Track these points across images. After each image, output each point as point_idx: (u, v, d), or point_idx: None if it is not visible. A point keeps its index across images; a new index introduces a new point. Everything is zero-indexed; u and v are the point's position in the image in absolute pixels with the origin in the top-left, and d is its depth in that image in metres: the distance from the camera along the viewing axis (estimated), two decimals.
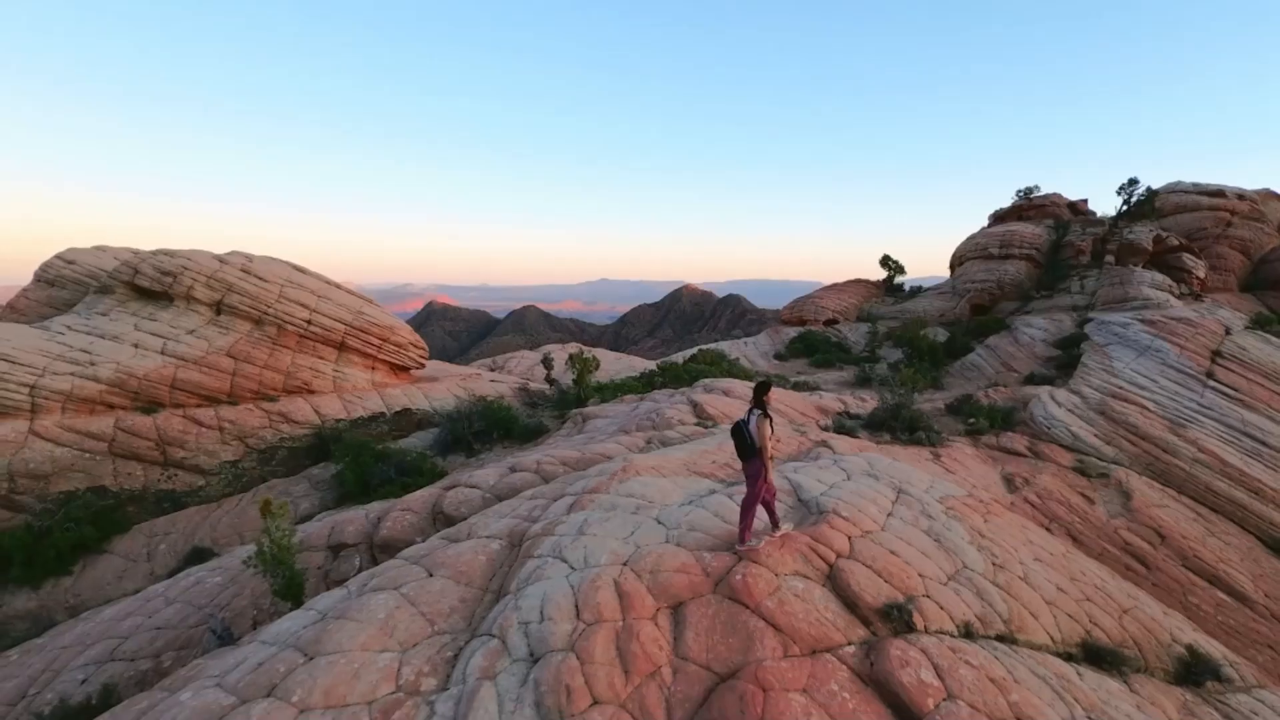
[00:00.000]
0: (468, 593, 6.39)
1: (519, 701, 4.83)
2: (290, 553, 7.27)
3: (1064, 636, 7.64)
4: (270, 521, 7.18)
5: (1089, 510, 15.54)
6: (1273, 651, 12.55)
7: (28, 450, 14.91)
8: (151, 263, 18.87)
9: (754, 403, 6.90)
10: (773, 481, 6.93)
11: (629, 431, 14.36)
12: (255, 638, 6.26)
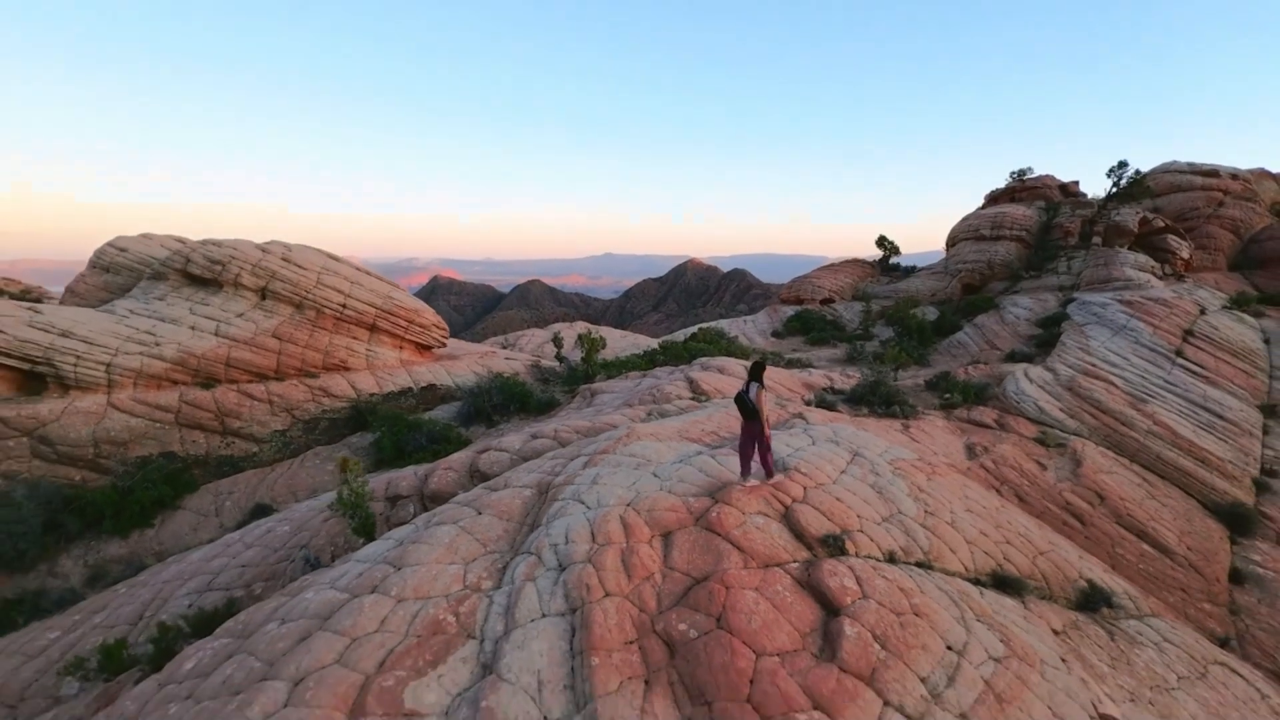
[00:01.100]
0: (509, 525, 8.30)
1: (552, 595, 6.73)
2: (364, 499, 9.16)
3: (977, 567, 9.52)
4: (349, 475, 9.07)
5: (1039, 475, 17.41)
6: (1184, 594, 14.45)
7: (108, 420, 16.90)
8: (201, 252, 20.74)
9: (752, 377, 8.96)
10: (769, 439, 9.01)
11: (632, 405, 16.28)
12: (349, 559, 8.19)
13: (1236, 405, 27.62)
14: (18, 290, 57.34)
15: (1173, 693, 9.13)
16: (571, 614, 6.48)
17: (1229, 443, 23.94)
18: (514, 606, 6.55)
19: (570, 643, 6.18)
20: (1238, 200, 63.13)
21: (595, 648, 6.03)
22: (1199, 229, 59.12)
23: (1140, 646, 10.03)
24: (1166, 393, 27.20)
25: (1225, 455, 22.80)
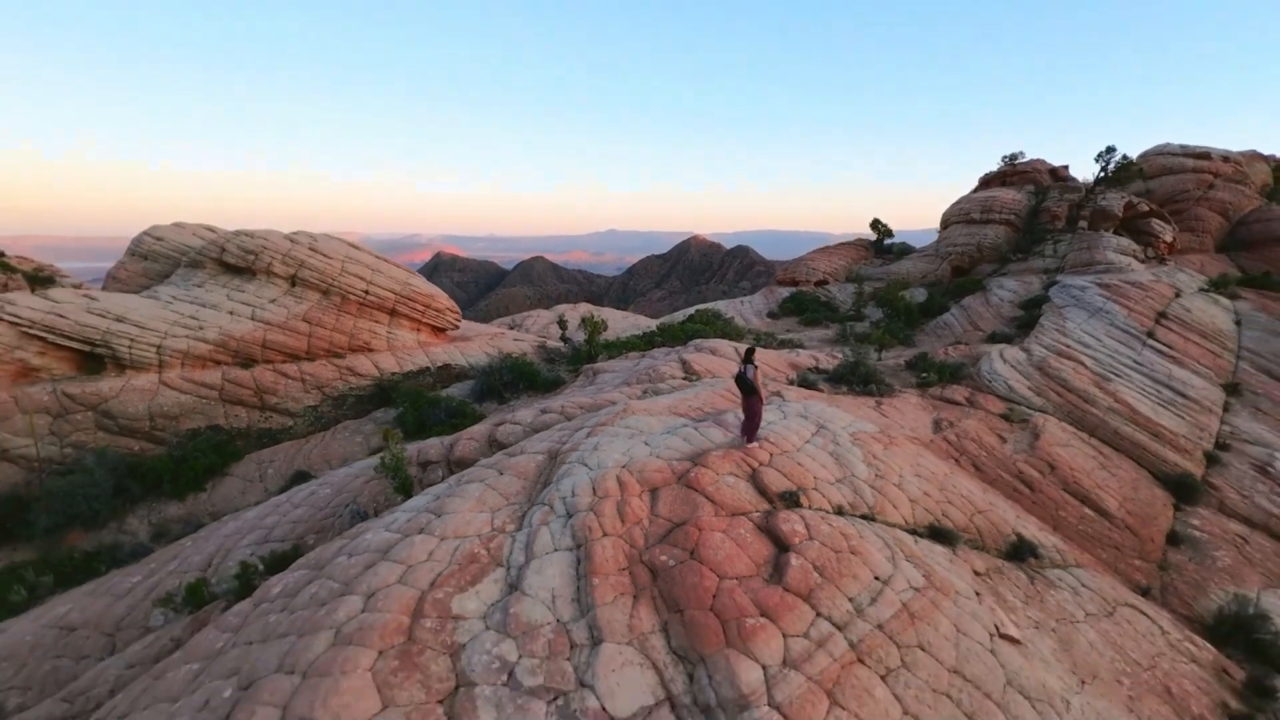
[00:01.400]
0: (525, 483, 10.06)
1: (562, 535, 8.49)
2: (403, 463, 10.90)
3: (916, 521, 11.25)
4: (390, 444, 10.81)
5: (997, 447, 19.10)
6: (1117, 551, 16.19)
7: (160, 396, 18.67)
8: (235, 243, 22.41)
9: (747, 359, 10.87)
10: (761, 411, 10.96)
11: (630, 384, 17.99)
12: (395, 510, 9.96)
13: (1200, 384, 29.24)
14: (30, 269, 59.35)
15: (1076, 625, 10.90)
16: (577, 549, 8.24)
17: (1186, 419, 25.58)
18: (532, 543, 8.31)
19: (576, 569, 7.94)
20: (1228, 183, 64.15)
21: (595, 572, 7.80)
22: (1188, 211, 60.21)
23: (1056, 589, 11.80)
24: (1133, 372, 28.80)
25: (1180, 430, 24.46)
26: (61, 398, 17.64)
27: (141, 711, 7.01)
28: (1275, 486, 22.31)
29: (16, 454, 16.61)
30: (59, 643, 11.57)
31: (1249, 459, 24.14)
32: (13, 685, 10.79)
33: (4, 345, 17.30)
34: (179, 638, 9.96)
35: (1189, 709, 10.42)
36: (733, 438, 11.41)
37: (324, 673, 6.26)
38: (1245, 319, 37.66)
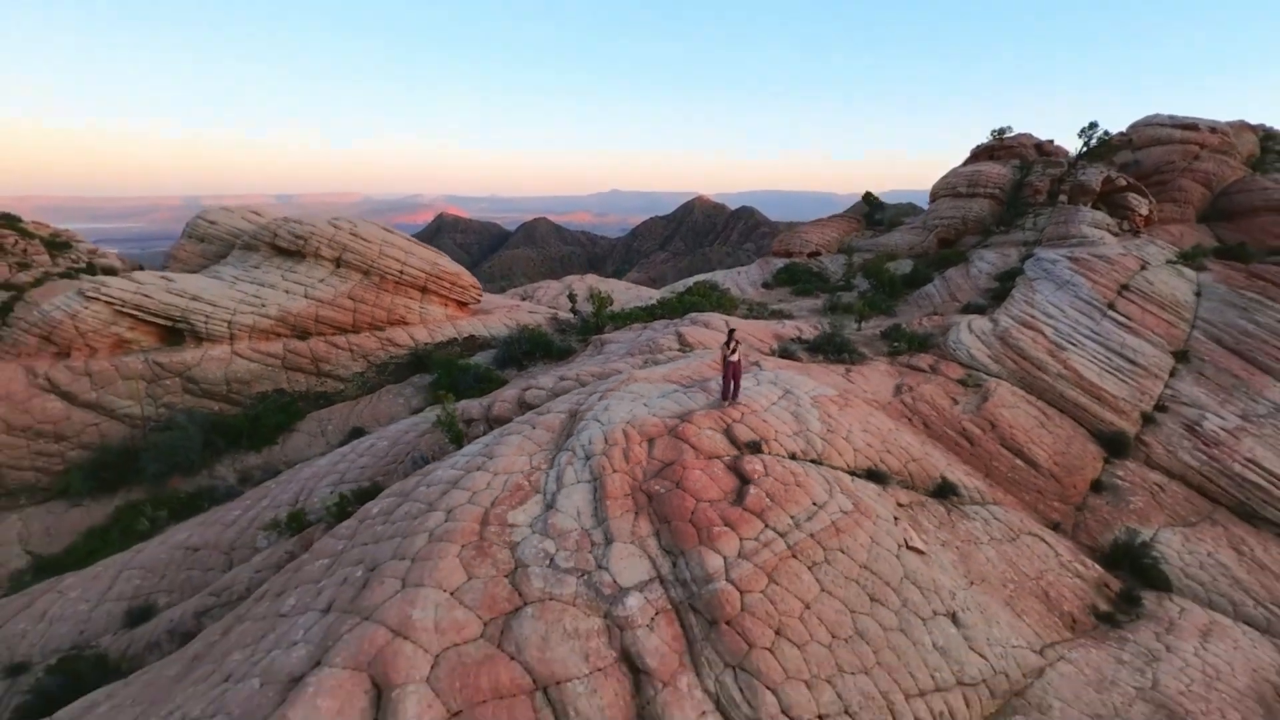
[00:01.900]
0: (553, 435, 13.02)
1: (582, 472, 11.44)
2: (455, 419, 13.82)
3: (856, 465, 14.18)
4: (446, 405, 13.74)
5: (948, 408, 21.96)
6: (1039, 494, 19.17)
7: (233, 365, 21.63)
8: (286, 228, 25.16)
9: (730, 337, 13.69)
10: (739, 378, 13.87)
11: (633, 354, 20.86)
12: (453, 455, 12.93)
13: (1151, 351, 31.99)
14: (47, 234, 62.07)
15: (979, 545, 13.92)
16: (594, 481, 11.21)
17: (1130, 384, 28.40)
18: (561, 477, 11.29)
19: (594, 495, 10.92)
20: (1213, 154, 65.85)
21: (608, 497, 10.78)
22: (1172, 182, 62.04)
23: (969, 520, 14.81)
24: (1089, 341, 31.53)
25: (1121, 394, 27.30)
26: (153, 365, 20.63)
27: (294, 590, 10.06)
28: (1199, 443, 25.29)
29: (122, 413, 19.66)
30: (186, 559, 14.72)
31: (1182, 419, 27.06)
32: (158, 590, 13.95)
33: (102, 321, 20.25)
34: (292, 550, 13.04)
35: (1060, 607, 13.49)
36: (714, 399, 14.33)
37: (426, 558, 9.25)
38: (1205, 290, 40.14)
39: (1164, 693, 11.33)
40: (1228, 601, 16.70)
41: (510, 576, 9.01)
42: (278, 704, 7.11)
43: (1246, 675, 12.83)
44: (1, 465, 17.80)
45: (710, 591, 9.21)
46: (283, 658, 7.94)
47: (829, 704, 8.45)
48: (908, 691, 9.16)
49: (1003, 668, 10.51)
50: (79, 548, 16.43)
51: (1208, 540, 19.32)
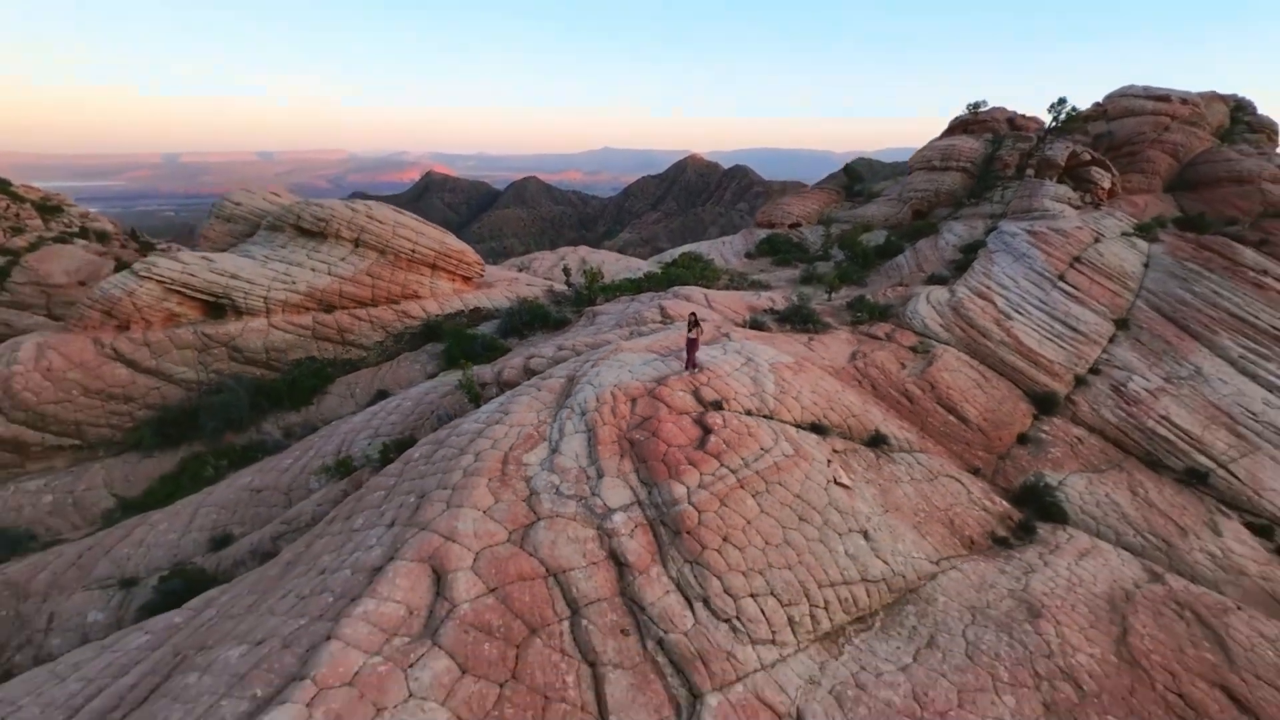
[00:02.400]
0: (555, 395, 16.03)
1: (579, 424, 14.47)
2: (473, 382, 16.79)
3: (802, 419, 17.26)
4: (466, 368, 16.70)
5: (895, 372, 25.01)
6: (966, 445, 22.37)
7: (270, 335, 24.46)
8: (310, 212, 27.72)
9: (693, 320, 16.56)
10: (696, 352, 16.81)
11: (621, 326, 23.79)
12: (474, 412, 15.95)
13: (1093, 319, 35.11)
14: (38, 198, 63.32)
15: (899, 484, 17.13)
16: (588, 431, 14.25)
17: (1068, 349, 31.53)
18: (563, 428, 14.34)
19: (588, 442, 13.96)
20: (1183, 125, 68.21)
21: (599, 443, 13.83)
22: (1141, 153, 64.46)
23: (894, 464, 18.00)
24: (1036, 310, 34.60)
25: (1058, 359, 30.45)
26: (201, 336, 23.45)
27: (361, 513, 13.12)
28: (1121, 401, 28.57)
29: (179, 378, 22.51)
30: (252, 499, 17.80)
31: (1111, 380, 30.30)
32: (232, 522, 17.04)
33: (155, 298, 22.94)
34: (345, 489, 16.12)
35: (962, 532, 16.76)
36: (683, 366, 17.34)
37: (463, 487, 12.29)
38: (1153, 261, 43.07)
39: (1031, 593, 14.62)
40: (1113, 532, 20.08)
41: (527, 500, 12.09)
42: (367, 584, 10.19)
43: (1106, 584, 16.16)
44: (82, 423, 20.73)
45: (675, 511, 12.33)
46: (364, 556, 11.03)
47: (759, 588, 11.64)
48: (820, 583, 12.36)
49: (901, 571, 13.75)
50: (156, 491, 19.46)
51: (1109, 484, 22.65)
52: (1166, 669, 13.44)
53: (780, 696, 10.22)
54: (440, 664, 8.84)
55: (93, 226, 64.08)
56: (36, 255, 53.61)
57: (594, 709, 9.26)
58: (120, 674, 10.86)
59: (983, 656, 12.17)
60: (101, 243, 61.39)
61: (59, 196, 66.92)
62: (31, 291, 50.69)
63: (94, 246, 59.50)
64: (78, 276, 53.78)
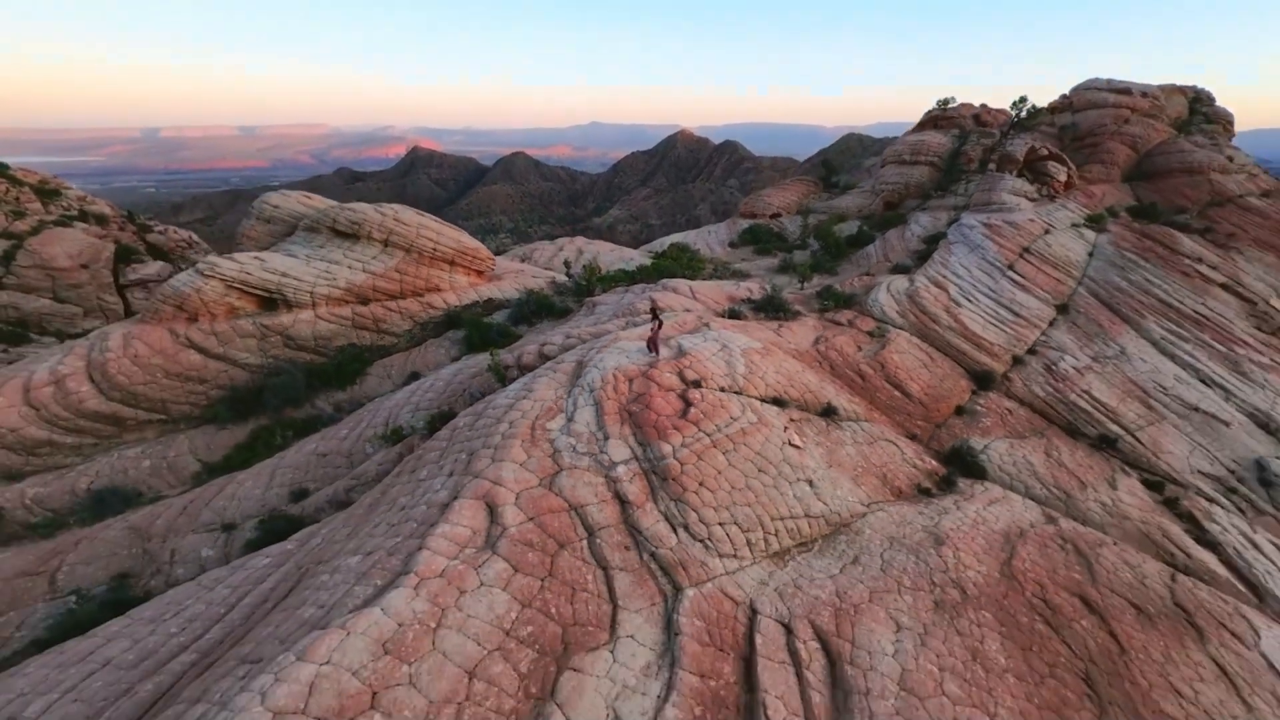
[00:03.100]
0: (568, 377, 19.78)
1: (589, 399, 18.24)
2: (500, 365, 20.51)
3: (765, 394, 21.08)
4: (494, 354, 20.42)
5: (852, 354, 28.84)
6: (907, 416, 26.33)
7: (317, 325, 28.03)
8: (345, 215, 31.13)
9: (654, 312, 20.34)
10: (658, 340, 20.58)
11: (618, 316, 27.51)
12: (501, 391, 19.71)
13: (1036, 305, 39.05)
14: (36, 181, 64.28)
15: (844, 446, 21.06)
16: (596, 405, 18.05)
17: (1008, 332, 35.49)
18: (576, 402, 18.14)
19: (596, 412, 17.75)
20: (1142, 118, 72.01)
21: (605, 414, 17.64)
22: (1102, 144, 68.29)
23: (841, 430, 21.92)
24: (985, 297, 38.51)
25: (998, 341, 34.41)
26: (260, 327, 27.01)
27: (423, 467, 16.92)
28: (1050, 379, 32.61)
29: (243, 363, 26.10)
30: (320, 461, 21.58)
31: (1045, 360, 34.34)
32: (306, 480, 20.82)
33: (218, 294, 26.45)
34: (401, 452, 19.91)
35: (892, 484, 20.74)
36: (669, 353, 21.13)
37: (502, 447, 16.08)
38: (1097, 250, 46.94)
39: (940, 528, 18.62)
40: (1023, 485, 24.14)
41: (552, 456, 15.91)
42: (440, 515, 13.98)
43: (1005, 523, 20.20)
44: (166, 400, 24.37)
45: (663, 464, 16.21)
46: (434, 496, 14.84)
47: (726, 519, 15.56)
48: (772, 516, 16.29)
49: (837, 511, 17.72)
50: (233, 457, 23.15)
51: (1028, 448, 26.69)
52: (1037, 582, 17.53)
53: (738, 592, 14.18)
54: (499, 565, 12.68)
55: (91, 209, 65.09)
56: (39, 239, 54.81)
57: (607, 597, 13.15)
58: (259, 581, 14.73)
59: (893, 570, 16.18)
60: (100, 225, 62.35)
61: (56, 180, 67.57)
62: (36, 275, 52.43)
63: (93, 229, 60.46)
64: (80, 260, 55.68)
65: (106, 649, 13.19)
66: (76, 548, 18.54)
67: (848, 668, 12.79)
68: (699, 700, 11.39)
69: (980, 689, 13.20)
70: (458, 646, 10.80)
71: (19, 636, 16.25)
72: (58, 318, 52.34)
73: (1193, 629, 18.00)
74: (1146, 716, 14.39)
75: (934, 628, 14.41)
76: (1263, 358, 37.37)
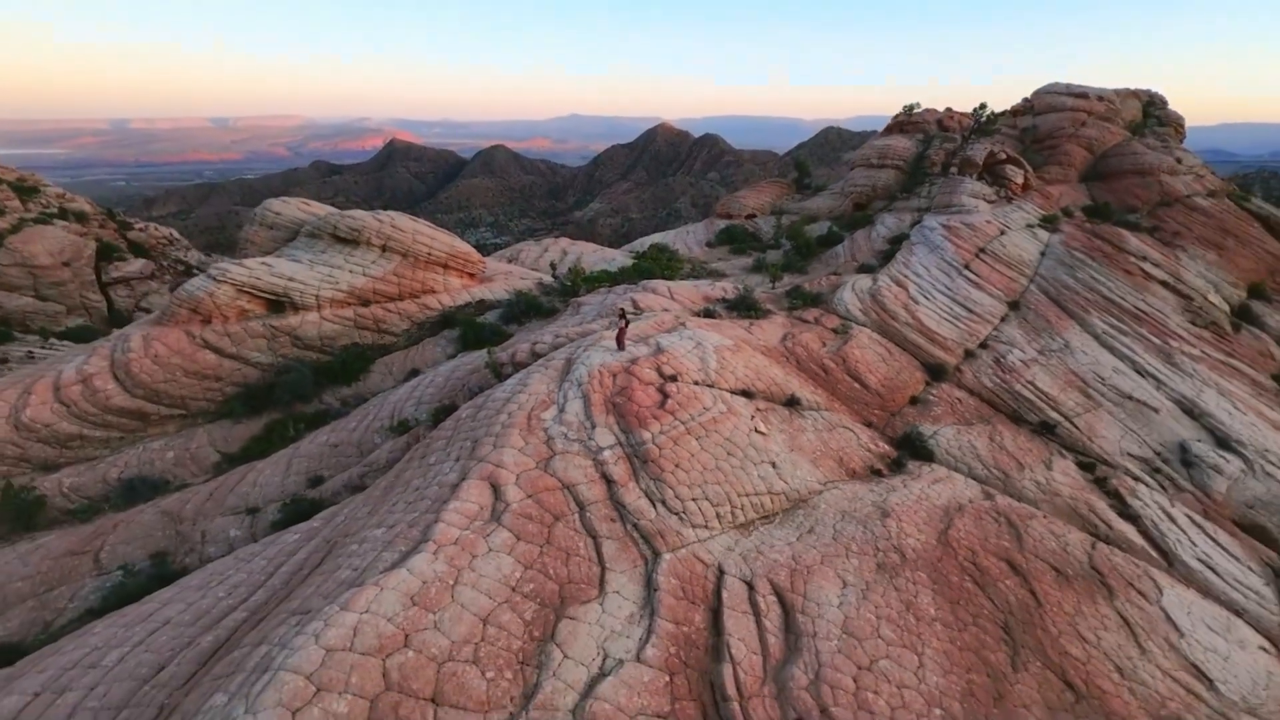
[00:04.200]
0: (558, 373, 21.82)
1: (577, 392, 20.30)
2: (498, 363, 22.53)
3: (735, 387, 23.24)
4: (490, 353, 22.43)
5: (816, 349, 31.15)
6: (865, 405, 28.69)
7: (322, 326, 29.83)
8: (345, 222, 32.86)
9: (622, 314, 22.51)
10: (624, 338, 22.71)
11: (602, 316, 29.59)
12: (500, 384, 21.76)
13: (989, 302, 41.56)
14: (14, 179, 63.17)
15: (804, 432, 23.35)
16: (584, 397, 20.13)
17: (961, 328, 37.95)
18: (567, 395, 20.23)
19: (584, 404, 19.84)
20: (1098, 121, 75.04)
21: (592, 405, 19.74)
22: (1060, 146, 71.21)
23: (803, 419, 24.22)
24: (941, 295, 40.96)
25: (952, 336, 36.84)
26: (269, 328, 28.75)
27: (432, 453, 18.96)
28: (999, 371, 35.10)
29: (255, 361, 27.84)
30: (332, 451, 23.51)
31: (994, 353, 36.85)
32: (321, 468, 22.76)
33: (230, 297, 28.16)
34: (408, 441, 21.90)
35: (847, 465, 23.07)
36: (648, 350, 23.30)
37: (502, 434, 18.13)
38: (1049, 250, 49.56)
39: (887, 503, 20.96)
40: (966, 467, 26.59)
41: (546, 443, 18.01)
42: (451, 494, 16.02)
43: (946, 499, 22.60)
44: (185, 397, 26.12)
45: (643, 449, 18.36)
46: (444, 478, 16.89)
47: (698, 495, 17.74)
48: (739, 493, 18.51)
49: (796, 488, 20.00)
50: (250, 448, 24.96)
51: (974, 433, 29.17)
52: (970, 548, 19.93)
53: (708, 556, 16.39)
54: (504, 534, 14.75)
55: (70, 207, 64.49)
56: (20, 237, 54.34)
57: (597, 560, 15.27)
58: (292, 553, 16.73)
59: (843, 538, 18.48)
60: (81, 223, 61.78)
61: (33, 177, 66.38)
62: (18, 273, 52.10)
63: (74, 227, 60.01)
64: (61, 257, 55.46)
65: (164, 611, 15.15)
66: (115, 530, 20.36)
67: (799, 616, 15.06)
68: (674, 641, 13.59)
69: (911, 633, 15.54)
70: (472, 599, 12.89)
71: (72, 607, 18.11)
72: (40, 316, 52.30)
73: (1104, 588, 20.53)
74: (1053, 656, 16.83)
75: (875, 585, 16.72)
76: (1193, 349, 40.28)
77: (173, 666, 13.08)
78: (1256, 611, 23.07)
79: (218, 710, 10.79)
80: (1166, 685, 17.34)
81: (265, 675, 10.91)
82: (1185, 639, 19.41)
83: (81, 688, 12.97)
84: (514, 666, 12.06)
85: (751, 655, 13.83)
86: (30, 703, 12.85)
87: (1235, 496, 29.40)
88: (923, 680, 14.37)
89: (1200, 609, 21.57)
